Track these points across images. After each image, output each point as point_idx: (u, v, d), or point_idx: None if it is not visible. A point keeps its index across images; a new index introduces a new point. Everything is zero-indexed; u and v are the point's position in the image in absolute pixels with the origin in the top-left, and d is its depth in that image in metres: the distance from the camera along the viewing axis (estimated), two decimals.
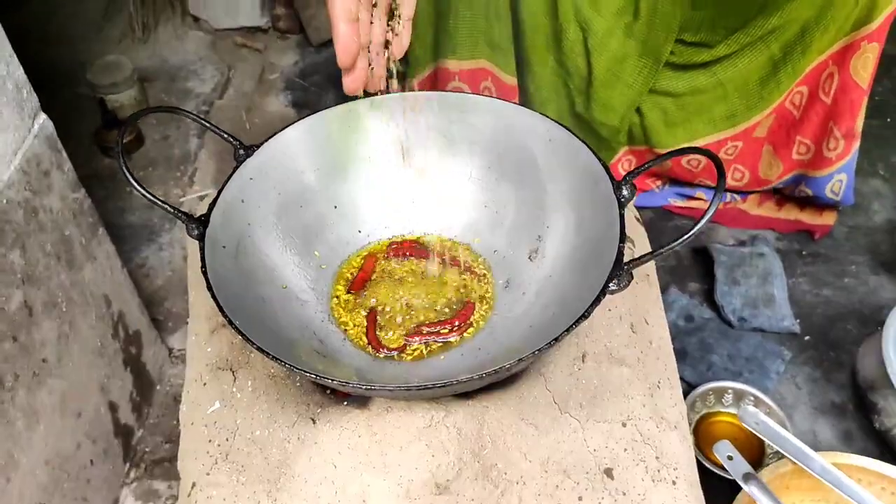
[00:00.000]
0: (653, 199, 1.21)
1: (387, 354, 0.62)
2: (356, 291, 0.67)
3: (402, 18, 0.61)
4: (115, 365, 0.90)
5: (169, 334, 1.09)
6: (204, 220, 0.57)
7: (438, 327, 0.63)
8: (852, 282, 1.11)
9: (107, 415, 0.89)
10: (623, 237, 0.53)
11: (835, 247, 1.16)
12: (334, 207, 0.69)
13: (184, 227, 1.21)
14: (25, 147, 0.71)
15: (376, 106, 0.66)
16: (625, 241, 0.53)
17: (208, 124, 0.63)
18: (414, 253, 0.69)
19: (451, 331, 0.63)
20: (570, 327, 0.49)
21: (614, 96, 1.03)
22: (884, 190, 1.24)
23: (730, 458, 0.74)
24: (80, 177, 0.80)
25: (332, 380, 0.49)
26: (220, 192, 0.60)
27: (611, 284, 0.51)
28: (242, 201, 0.62)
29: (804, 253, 1.15)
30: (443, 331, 0.62)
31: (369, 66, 0.61)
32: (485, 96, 0.66)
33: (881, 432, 0.92)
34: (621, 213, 0.55)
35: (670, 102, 1.06)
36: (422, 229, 0.71)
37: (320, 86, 1.53)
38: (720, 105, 1.05)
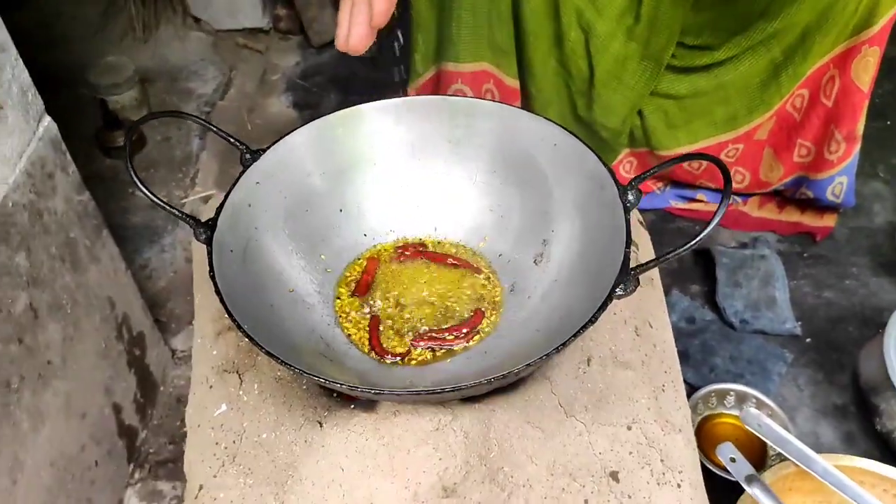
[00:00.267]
0: (653, 202, 1.21)
1: (392, 360, 0.62)
2: (360, 295, 0.67)
3: None
4: (119, 366, 0.90)
5: (172, 336, 1.09)
6: (211, 224, 0.58)
7: (445, 334, 0.63)
8: (853, 284, 1.11)
9: (111, 416, 0.89)
10: (629, 242, 0.54)
11: (836, 249, 1.16)
12: (339, 211, 0.69)
13: (186, 229, 1.23)
14: (30, 150, 0.71)
15: (382, 110, 0.67)
16: (630, 246, 0.54)
17: (215, 129, 0.63)
18: (418, 256, 0.69)
19: (457, 338, 0.62)
20: (577, 332, 0.49)
21: (616, 98, 1.03)
22: (884, 192, 1.24)
23: (732, 460, 0.74)
24: (82, 178, 0.80)
25: (340, 384, 0.50)
26: (226, 196, 0.60)
27: (617, 290, 0.51)
28: (249, 205, 0.62)
29: (805, 255, 1.15)
30: (448, 338, 0.62)
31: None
32: (490, 101, 0.66)
33: (883, 434, 0.92)
34: (627, 218, 0.55)
35: (672, 105, 1.06)
36: (426, 233, 0.71)
37: (321, 87, 1.53)
38: (721, 108, 1.05)
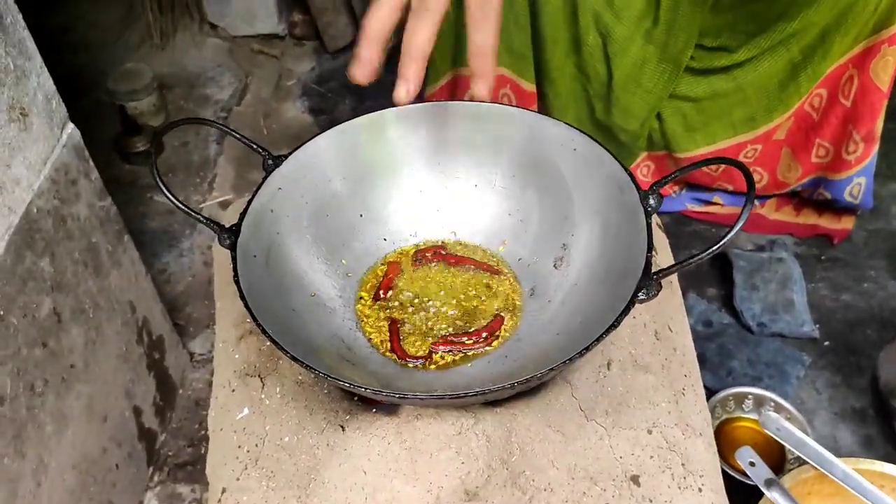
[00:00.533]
0: (670, 205, 1.21)
1: (414, 364, 0.62)
2: (381, 299, 0.67)
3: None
4: (139, 370, 0.91)
5: (190, 339, 1.10)
6: (235, 229, 0.58)
7: (464, 338, 0.63)
8: (872, 286, 1.11)
9: (131, 419, 0.90)
10: (651, 246, 0.54)
11: (853, 251, 1.15)
12: (360, 215, 0.69)
13: (204, 234, 1.24)
14: (54, 156, 0.72)
15: (403, 115, 0.67)
16: (652, 251, 0.54)
17: (238, 135, 0.64)
18: (438, 259, 0.70)
19: (477, 343, 0.62)
20: (600, 336, 0.49)
21: (634, 102, 1.03)
22: None
23: (752, 464, 0.74)
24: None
25: (365, 388, 0.50)
26: (249, 202, 0.61)
27: (640, 294, 0.51)
28: (272, 210, 0.62)
29: (823, 258, 1.15)
30: (468, 342, 0.62)
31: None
32: (510, 106, 0.66)
33: None
34: (648, 222, 0.55)
35: (690, 107, 1.06)
36: (446, 237, 0.72)
37: (336, 92, 1.54)
38: (740, 109, 1.05)
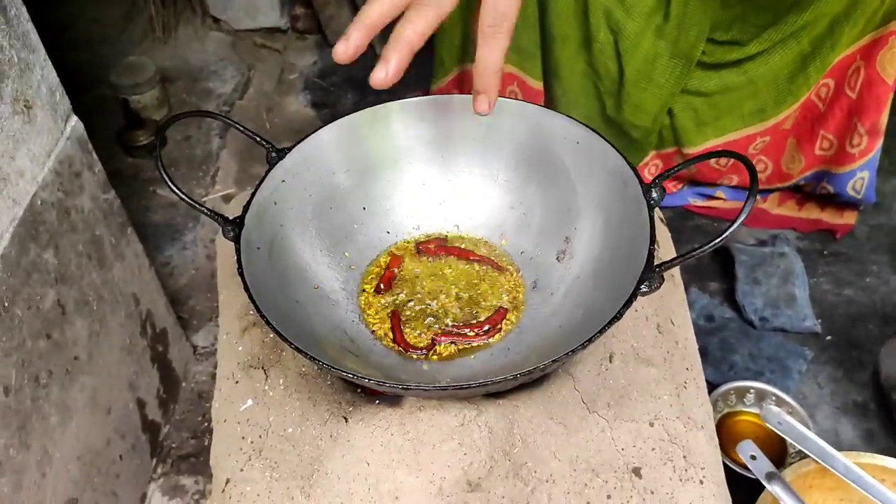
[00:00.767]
0: (672, 199, 1.20)
1: (417, 355, 0.62)
2: (383, 291, 0.67)
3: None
4: (143, 362, 0.91)
5: (193, 332, 1.11)
6: (239, 221, 0.58)
7: (466, 330, 0.63)
8: (874, 281, 1.11)
9: (135, 411, 0.90)
10: (653, 240, 0.54)
11: (856, 246, 1.15)
12: (363, 208, 0.70)
13: (207, 227, 1.24)
14: (58, 149, 0.73)
15: (407, 108, 0.67)
16: (655, 244, 0.54)
17: (242, 128, 0.64)
18: (441, 252, 0.70)
19: (479, 335, 0.63)
20: (602, 329, 0.50)
21: (646, 98, 1.03)
22: None
23: (753, 457, 0.74)
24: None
25: (369, 380, 0.50)
26: (253, 195, 0.61)
27: (643, 287, 0.51)
28: (275, 203, 0.62)
29: (825, 252, 1.15)
30: (470, 334, 0.63)
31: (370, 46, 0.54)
32: (513, 99, 0.67)
33: None
34: (651, 215, 0.56)
35: (701, 102, 1.05)
36: (449, 230, 0.72)
37: (339, 86, 1.54)
38: (750, 102, 1.04)
